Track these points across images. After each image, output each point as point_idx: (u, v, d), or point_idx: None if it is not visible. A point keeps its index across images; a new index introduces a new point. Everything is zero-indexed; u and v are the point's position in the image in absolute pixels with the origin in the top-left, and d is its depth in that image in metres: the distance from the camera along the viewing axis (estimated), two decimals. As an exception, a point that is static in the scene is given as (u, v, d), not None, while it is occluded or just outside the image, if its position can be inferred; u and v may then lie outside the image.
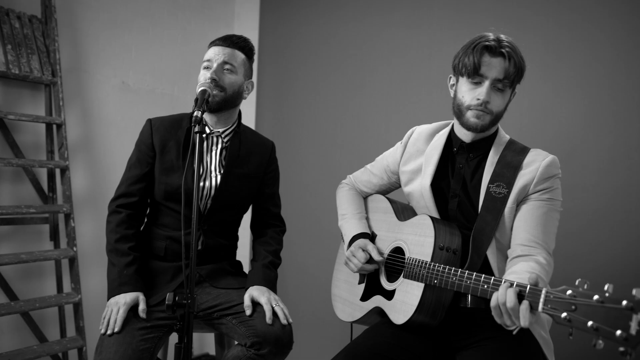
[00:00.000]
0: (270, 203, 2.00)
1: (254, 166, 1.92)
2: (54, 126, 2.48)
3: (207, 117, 1.86)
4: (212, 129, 1.85)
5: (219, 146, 1.86)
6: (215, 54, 1.80)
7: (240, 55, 1.84)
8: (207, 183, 1.82)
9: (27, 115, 2.34)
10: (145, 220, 1.94)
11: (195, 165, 1.48)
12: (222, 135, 1.86)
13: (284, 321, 1.69)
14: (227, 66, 1.80)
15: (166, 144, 1.83)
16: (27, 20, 2.41)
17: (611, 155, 2.38)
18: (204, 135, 1.84)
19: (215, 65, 1.78)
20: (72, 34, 2.60)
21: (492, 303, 1.25)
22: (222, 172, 1.83)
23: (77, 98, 2.62)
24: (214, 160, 1.85)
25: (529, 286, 1.18)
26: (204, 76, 1.78)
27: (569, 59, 2.49)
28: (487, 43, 1.52)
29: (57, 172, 2.49)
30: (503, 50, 1.51)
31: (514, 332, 1.26)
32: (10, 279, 2.37)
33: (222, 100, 1.78)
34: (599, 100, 2.42)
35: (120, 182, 1.87)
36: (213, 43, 1.84)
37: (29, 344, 2.35)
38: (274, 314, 1.70)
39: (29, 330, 2.41)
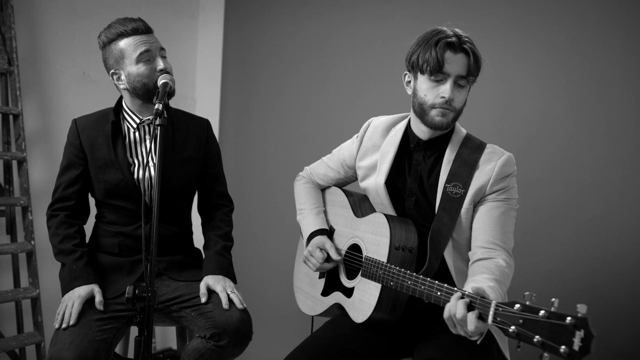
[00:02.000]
0: (215, 182, 1.97)
1: (193, 149, 1.88)
2: (11, 117, 2.41)
3: (131, 105, 1.80)
4: (140, 117, 1.81)
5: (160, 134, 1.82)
6: (150, 44, 1.72)
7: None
8: (147, 174, 1.80)
9: (-19, 105, 2.27)
10: (94, 220, 1.92)
11: (155, 158, 1.46)
12: (155, 123, 1.81)
13: (239, 306, 1.69)
14: (164, 52, 1.77)
15: (95, 141, 1.79)
16: (-19, 7, 2.33)
17: (564, 152, 2.47)
18: (135, 126, 1.81)
19: (157, 55, 1.74)
20: (30, 22, 2.53)
21: (445, 315, 1.28)
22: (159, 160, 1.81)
23: (35, 88, 2.55)
24: (149, 149, 1.81)
25: (479, 298, 1.21)
26: (151, 69, 1.71)
27: (526, 57, 2.56)
28: (448, 40, 1.48)
29: (14, 163, 2.42)
30: (465, 46, 1.49)
31: (478, 342, 1.28)
32: (-36, 273, 2.30)
33: (173, 87, 1.70)
34: (553, 98, 2.50)
35: (54, 188, 1.84)
36: (128, 32, 1.71)
37: (-16, 340, 2.30)
38: (230, 301, 1.70)
39: (-17, 326, 2.35)
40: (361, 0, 2.97)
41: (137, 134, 1.82)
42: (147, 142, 1.82)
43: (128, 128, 1.82)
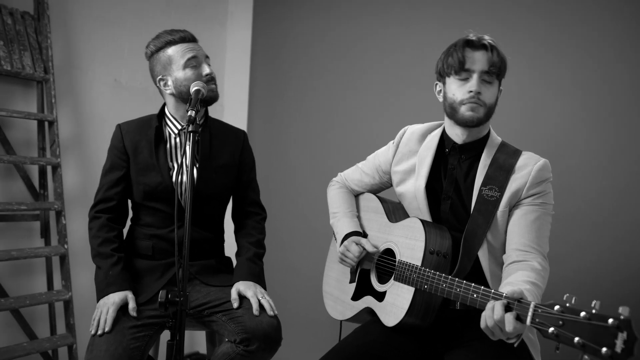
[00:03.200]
0: (248, 190, 2.02)
1: (228, 156, 1.93)
2: (46, 123, 2.47)
3: (175, 111, 1.87)
4: (182, 124, 1.87)
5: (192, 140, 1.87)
6: (196, 51, 1.81)
7: None
8: (185, 178, 1.84)
9: (18, 111, 2.34)
10: (130, 222, 1.96)
11: (187, 163, 1.49)
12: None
13: (270, 313, 1.71)
14: (208, 60, 1.85)
15: (138, 145, 1.85)
16: (19, 17, 2.40)
17: (597, 158, 2.42)
18: (177, 132, 1.87)
19: (203, 62, 1.81)
20: (65, 31, 2.59)
21: (482, 324, 1.27)
22: (197, 166, 1.85)
23: (69, 95, 2.62)
24: (188, 155, 1.85)
25: (516, 301, 1.20)
26: (197, 74, 1.78)
27: (559, 61, 2.52)
28: (467, 38, 1.57)
29: (49, 169, 2.48)
30: (484, 42, 1.56)
31: (515, 345, 1.28)
32: (1, 275, 2.36)
33: (217, 94, 1.82)
34: (588, 103, 2.46)
35: (97, 189, 1.89)
36: (176, 40, 1.79)
37: (19, 341, 2.35)
38: (261, 306, 1.72)
39: (18, 328, 2.40)
40: (389, 6, 2.96)
41: (177, 139, 1.87)
42: (187, 147, 1.86)
43: (169, 133, 1.88)
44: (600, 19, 2.43)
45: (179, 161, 1.86)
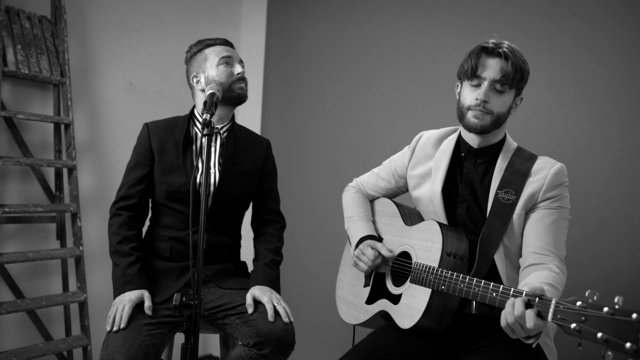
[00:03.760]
0: (269, 199, 2.02)
1: (251, 163, 1.95)
2: (62, 126, 2.50)
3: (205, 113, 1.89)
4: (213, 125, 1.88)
5: (218, 142, 1.90)
6: (232, 52, 1.89)
7: None
8: (206, 180, 1.85)
9: (35, 114, 2.36)
10: (148, 223, 1.97)
11: (203, 166, 1.49)
12: (221, 132, 1.90)
13: (285, 319, 1.70)
14: (242, 64, 1.91)
15: (164, 145, 1.86)
16: (37, 21, 2.43)
17: (616, 163, 2.39)
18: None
19: (236, 61, 1.88)
20: (81, 35, 2.62)
21: (502, 323, 1.27)
22: (220, 169, 1.86)
23: (85, 98, 2.64)
24: (212, 157, 1.88)
25: (537, 298, 1.19)
26: (229, 72, 1.84)
27: (574, 65, 2.49)
28: (484, 45, 1.56)
29: (65, 171, 2.51)
30: (500, 50, 1.54)
31: (534, 345, 1.27)
32: (17, 277, 2.39)
33: (246, 93, 1.88)
34: (604, 107, 2.43)
35: (120, 186, 1.90)
36: (216, 43, 1.90)
37: (35, 342, 2.37)
38: (276, 312, 1.71)
39: (34, 329, 2.43)
40: (403, 9, 2.96)
41: (204, 139, 1.88)
42: (212, 149, 1.89)
43: (196, 133, 1.90)
44: (618, 23, 2.40)
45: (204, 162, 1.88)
